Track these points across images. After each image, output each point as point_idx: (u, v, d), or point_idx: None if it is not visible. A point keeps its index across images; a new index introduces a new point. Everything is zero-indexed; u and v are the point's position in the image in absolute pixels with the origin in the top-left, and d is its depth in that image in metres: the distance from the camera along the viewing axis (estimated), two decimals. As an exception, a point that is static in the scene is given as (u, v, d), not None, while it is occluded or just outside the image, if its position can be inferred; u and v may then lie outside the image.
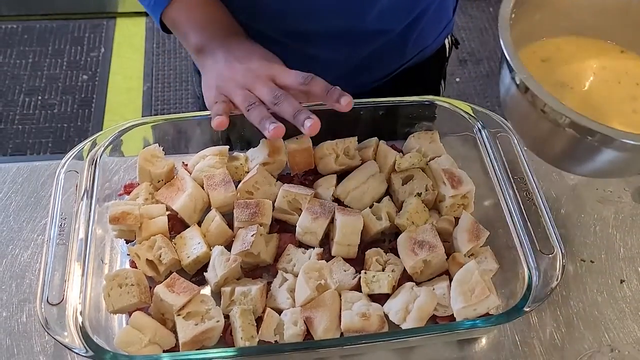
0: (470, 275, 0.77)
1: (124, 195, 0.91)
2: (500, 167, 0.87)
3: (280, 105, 0.84)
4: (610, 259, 0.91)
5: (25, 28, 2.92)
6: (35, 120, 2.55)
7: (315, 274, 0.80)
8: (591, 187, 0.99)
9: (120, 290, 0.78)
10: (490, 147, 0.90)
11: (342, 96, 0.83)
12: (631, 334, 0.83)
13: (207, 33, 0.94)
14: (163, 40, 2.91)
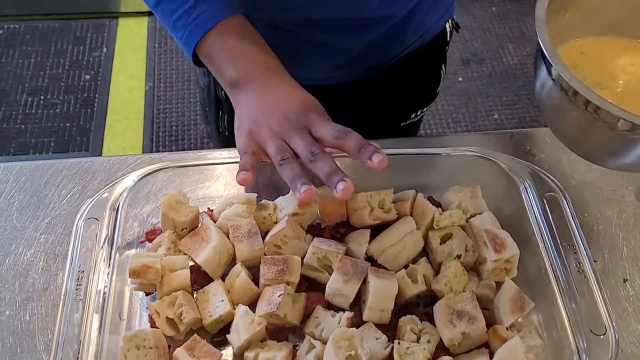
0: (514, 354, 0.72)
1: (146, 242, 0.86)
2: (548, 231, 0.82)
3: (316, 164, 0.78)
4: (614, 258, 0.88)
5: (28, 28, 2.91)
6: (37, 120, 2.54)
7: (345, 343, 0.75)
8: (594, 187, 0.96)
9: (138, 352, 0.74)
10: (538, 208, 0.84)
11: (374, 153, 0.77)
12: (634, 333, 0.81)
13: (242, 67, 0.88)
14: (165, 40, 2.89)
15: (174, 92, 2.68)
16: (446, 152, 0.92)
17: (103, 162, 0.94)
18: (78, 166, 0.94)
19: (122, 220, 0.84)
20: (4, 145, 2.45)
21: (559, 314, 0.76)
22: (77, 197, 0.90)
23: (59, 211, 0.89)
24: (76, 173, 0.93)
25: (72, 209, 0.88)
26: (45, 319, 0.80)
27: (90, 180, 0.92)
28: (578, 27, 0.81)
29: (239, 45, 0.90)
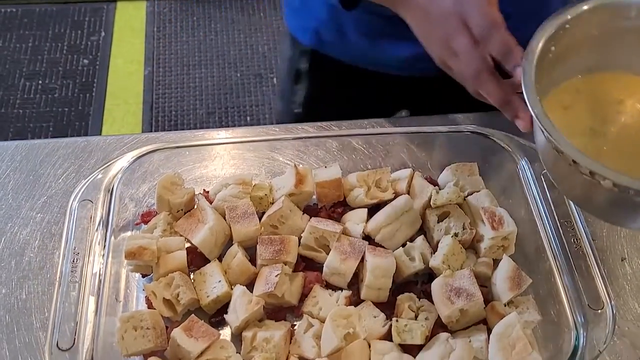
0: (512, 329, 0.72)
1: (141, 224, 0.86)
2: (546, 208, 0.81)
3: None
4: (612, 237, 0.87)
5: (25, 12, 2.88)
6: (35, 105, 2.52)
7: (343, 321, 0.75)
8: None
9: (135, 333, 0.73)
10: (536, 186, 0.83)
11: (516, 118, 0.72)
12: (632, 311, 0.81)
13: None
14: (164, 24, 2.87)
15: (173, 77, 2.67)
16: (444, 130, 0.91)
17: (99, 141, 0.94)
18: (74, 145, 0.93)
19: (117, 201, 0.83)
20: (2, 130, 2.44)
21: (557, 290, 0.76)
22: (73, 177, 0.90)
23: (54, 190, 0.89)
24: (72, 152, 0.92)
25: (68, 189, 0.87)
26: (41, 297, 0.79)
27: (87, 160, 0.92)
28: (565, 71, 0.74)
29: None
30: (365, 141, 0.93)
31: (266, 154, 0.91)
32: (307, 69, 1.10)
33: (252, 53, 2.76)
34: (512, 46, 0.70)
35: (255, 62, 2.73)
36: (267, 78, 2.66)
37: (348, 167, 0.89)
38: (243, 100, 2.58)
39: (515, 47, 0.70)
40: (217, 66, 2.71)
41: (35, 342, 0.76)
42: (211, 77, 2.67)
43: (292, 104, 1.18)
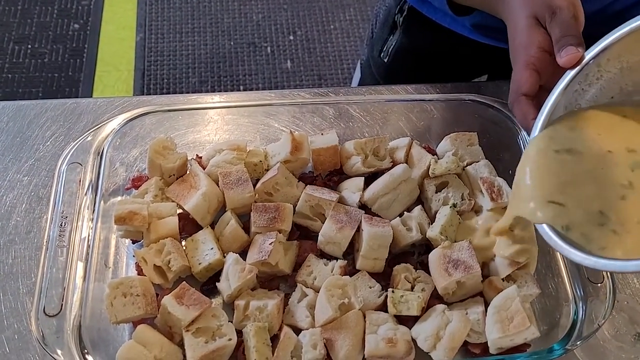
0: (510, 303, 0.70)
1: (132, 189, 0.83)
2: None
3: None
4: None
5: None
6: (25, 69, 2.47)
7: (338, 291, 0.73)
8: None
9: (125, 300, 0.72)
10: (536, 156, 0.81)
11: (564, 48, 0.67)
12: (631, 286, 0.81)
13: None
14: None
15: (166, 44, 2.62)
16: (443, 99, 0.89)
17: (89, 103, 0.91)
18: (63, 107, 0.90)
19: (107, 165, 0.81)
20: (-10, 94, 2.40)
21: (556, 263, 0.75)
22: (62, 139, 0.87)
23: (42, 153, 0.86)
24: (61, 114, 0.90)
25: (57, 151, 0.85)
26: (28, 262, 0.77)
27: (76, 122, 0.89)
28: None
29: None
30: (363, 108, 0.91)
31: (261, 119, 0.89)
32: (402, 21, 1.10)
33: (246, 21, 2.71)
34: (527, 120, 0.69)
35: (249, 31, 2.68)
36: (260, 47, 2.62)
37: (345, 135, 0.87)
38: (236, 69, 2.54)
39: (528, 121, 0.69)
40: (211, 34, 2.66)
41: (21, 307, 0.74)
42: (204, 45, 2.62)
43: (382, 52, 1.17)
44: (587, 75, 0.67)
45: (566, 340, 0.68)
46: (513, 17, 0.73)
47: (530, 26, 0.70)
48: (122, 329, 0.74)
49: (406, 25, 1.10)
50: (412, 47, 1.12)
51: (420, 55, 1.12)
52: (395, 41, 1.13)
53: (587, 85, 0.69)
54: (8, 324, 0.73)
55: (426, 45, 1.10)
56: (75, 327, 0.68)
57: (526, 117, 0.68)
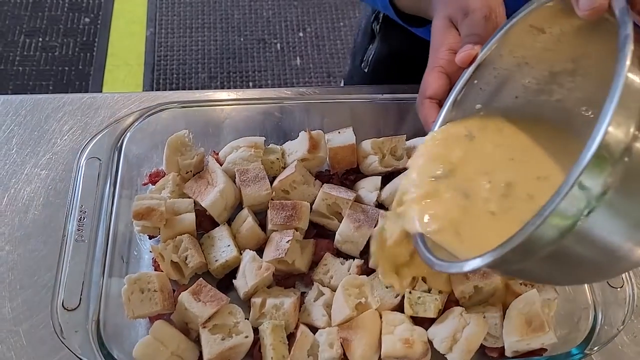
0: (530, 307, 0.70)
1: (149, 184, 0.83)
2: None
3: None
4: None
5: None
6: (35, 62, 2.48)
7: (355, 290, 0.73)
8: None
9: (142, 295, 0.72)
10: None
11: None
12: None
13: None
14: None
15: (176, 39, 2.62)
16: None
17: (106, 98, 0.91)
18: (80, 102, 0.90)
19: (125, 160, 0.81)
20: (1, 86, 2.39)
21: (575, 267, 0.74)
22: (79, 134, 0.87)
23: (60, 147, 0.86)
24: (78, 109, 0.90)
25: (74, 146, 0.85)
26: (45, 256, 0.78)
27: (93, 117, 0.89)
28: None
29: None
30: (379, 107, 0.91)
31: (278, 117, 0.89)
32: (379, 29, 1.10)
33: (256, 18, 2.71)
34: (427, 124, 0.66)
35: (259, 27, 2.68)
36: (270, 43, 2.62)
37: (362, 134, 0.87)
38: (246, 65, 2.54)
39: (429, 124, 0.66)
40: (221, 30, 2.66)
41: (39, 301, 0.74)
42: (214, 40, 2.62)
43: (363, 62, 1.16)
44: (483, 73, 0.63)
45: (585, 345, 0.67)
46: (433, 19, 0.72)
47: (444, 27, 0.69)
48: (138, 324, 0.74)
49: (383, 33, 1.09)
50: (391, 55, 1.11)
51: (399, 63, 1.10)
52: (375, 50, 1.12)
53: (486, 84, 0.64)
54: (25, 317, 0.74)
55: (404, 52, 1.08)
56: (93, 321, 0.67)
57: (427, 120, 0.66)
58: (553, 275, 0.51)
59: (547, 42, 0.59)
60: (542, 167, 0.58)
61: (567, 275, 0.51)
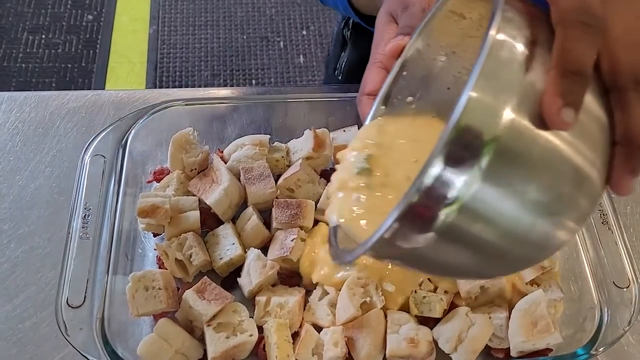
0: (535, 307, 0.70)
1: (153, 182, 0.83)
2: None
3: None
4: (637, 213, 0.85)
5: None
6: (39, 59, 2.47)
7: (360, 290, 0.73)
8: None
9: (147, 293, 0.71)
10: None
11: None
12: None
13: None
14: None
15: (179, 37, 2.62)
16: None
17: (110, 95, 0.90)
18: (84, 99, 0.90)
19: (130, 157, 0.80)
20: (4, 83, 2.39)
21: (581, 266, 0.74)
22: (84, 131, 0.87)
23: (64, 144, 0.86)
24: (82, 106, 0.89)
25: (78, 143, 0.85)
26: (50, 253, 0.77)
27: (97, 114, 0.89)
28: None
29: None
30: (386, 107, 0.90)
31: (283, 115, 0.88)
32: (350, 36, 1.08)
33: (259, 15, 2.71)
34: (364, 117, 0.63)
35: (262, 25, 2.67)
36: (273, 41, 2.62)
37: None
38: (249, 63, 2.54)
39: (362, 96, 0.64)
40: (224, 27, 2.66)
41: (43, 299, 0.74)
42: (217, 38, 2.62)
43: (336, 70, 1.15)
44: (412, 65, 0.59)
45: (590, 345, 0.67)
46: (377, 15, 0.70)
47: (384, 23, 0.67)
48: (142, 322, 0.74)
49: (354, 40, 1.08)
50: (362, 61, 1.08)
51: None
52: (347, 57, 1.11)
53: (414, 76, 0.60)
54: (29, 314, 0.73)
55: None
56: (97, 319, 0.67)
57: (364, 117, 0.64)
58: (447, 265, 0.46)
59: (469, 28, 0.56)
60: None
61: (468, 264, 0.45)
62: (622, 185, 0.43)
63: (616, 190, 0.43)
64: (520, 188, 0.39)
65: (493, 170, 0.38)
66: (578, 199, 0.42)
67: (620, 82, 0.42)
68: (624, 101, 0.42)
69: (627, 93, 0.42)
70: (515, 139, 0.38)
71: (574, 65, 0.39)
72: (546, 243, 0.43)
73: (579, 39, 0.39)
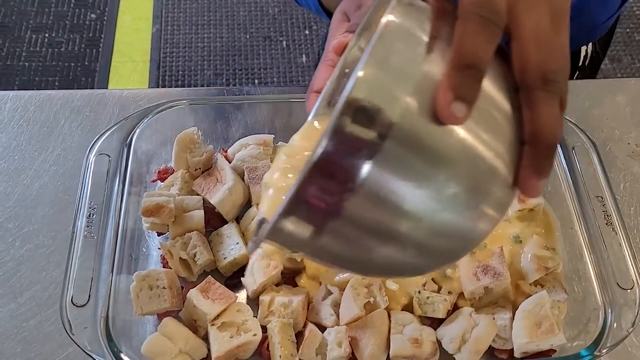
0: (540, 308, 0.70)
1: (157, 181, 0.83)
2: (576, 183, 0.79)
3: None
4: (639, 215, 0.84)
5: None
6: (42, 58, 2.47)
7: (364, 290, 0.73)
8: (622, 142, 0.92)
9: (151, 292, 0.72)
10: (565, 158, 0.81)
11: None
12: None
13: None
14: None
15: (182, 36, 2.62)
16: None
17: (115, 95, 0.91)
18: (89, 98, 0.90)
19: (134, 156, 0.80)
20: (7, 82, 2.40)
21: (585, 267, 0.74)
22: (89, 130, 0.87)
23: (69, 143, 0.86)
24: (87, 105, 0.90)
25: (84, 142, 0.85)
26: (54, 252, 0.78)
27: (102, 113, 0.89)
28: None
29: None
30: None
31: (287, 114, 0.88)
32: None
33: (262, 15, 2.71)
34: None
35: (265, 25, 2.67)
36: (276, 41, 2.62)
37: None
38: (251, 62, 2.54)
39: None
40: (227, 27, 2.66)
41: (47, 297, 0.74)
42: (220, 37, 2.62)
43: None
44: (354, 63, 0.57)
45: (594, 346, 0.67)
46: None
47: (337, 21, 0.67)
48: (147, 321, 0.74)
49: None
50: None
51: None
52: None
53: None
54: (33, 313, 0.74)
55: None
56: (102, 318, 0.67)
57: (308, 114, 0.62)
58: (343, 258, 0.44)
59: None
60: None
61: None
62: (528, 186, 0.41)
63: (523, 191, 0.41)
64: (412, 175, 0.38)
65: (385, 153, 0.37)
66: (481, 193, 0.40)
67: (528, 80, 0.41)
68: (531, 99, 0.41)
69: (534, 91, 0.40)
70: (407, 127, 0.37)
71: (468, 59, 0.38)
72: (452, 234, 0.41)
73: (475, 33, 0.38)
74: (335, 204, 0.38)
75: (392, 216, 0.39)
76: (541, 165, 0.41)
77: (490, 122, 0.40)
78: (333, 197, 0.37)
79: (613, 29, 1.10)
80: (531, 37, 0.41)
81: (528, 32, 0.41)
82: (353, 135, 0.36)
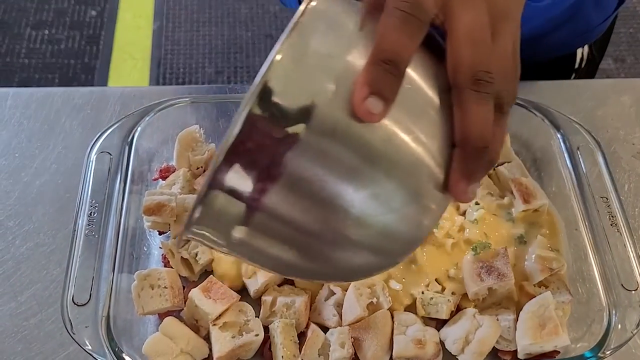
0: (543, 309, 0.69)
1: (159, 179, 0.83)
2: (581, 183, 0.78)
3: None
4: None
5: None
6: (41, 55, 2.47)
7: (366, 290, 0.72)
8: (627, 143, 0.91)
9: (152, 292, 0.71)
10: (570, 159, 0.80)
11: None
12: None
13: None
14: None
15: (183, 33, 2.61)
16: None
17: (116, 92, 0.90)
18: (90, 95, 0.90)
19: (136, 155, 0.80)
20: (7, 79, 2.39)
21: (589, 268, 0.73)
22: (90, 128, 0.87)
23: (70, 141, 0.86)
24: (88, 102, 0.89)
25: (85, 140, 0.84)
26: (55, 250, 0.77)
27: (103, 111, 0.89)
28: None
29: None
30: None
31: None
32: None
33: (263, 12, 2.70)
34: None
35: (267, 22, 2.67)
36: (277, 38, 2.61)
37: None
38: (253, 60, 2.54)
39: None
40: (228, 24, 2.65)
41: (48, 296, 0.74)
42: (221, 35, 2.61)
43: None
44: None
45: (598, 348, 0.67)
46: None
47: None
48: (148, 320, 0.73)
49: None
50: None
51: None
52: None
53: None
54: (34, 311, 0.73)
55: None
56: (103, 317, 0.67)
57: None
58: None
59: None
60: None
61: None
62: (458, 190, 0.40)
63: (454, 195, 0.40)
64: (332, 169, 0.37)
65: (303, 144, 0.36)
66: (409, 194, 0.39)
67: (458, 80, 0.39)
68: (461, 99, 0.39)
69: (464, 91, 0.39)
70: (325, 119, 0.36)
71: (387, 54, 0.37)
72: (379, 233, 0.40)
73: (396, 29, 0.38)
74: (256, 193, 0.36)
75: (312, 211, 0.38)
76: (470, 168, 0.40)
77: (420, 121, 0.39)
78: (253, 185, 0.36)
79: (610, 30, 1.10)
80: (465, 35, 0.40)
81: (462, 29, 0.40)
82: (266, 119, 0.35)
